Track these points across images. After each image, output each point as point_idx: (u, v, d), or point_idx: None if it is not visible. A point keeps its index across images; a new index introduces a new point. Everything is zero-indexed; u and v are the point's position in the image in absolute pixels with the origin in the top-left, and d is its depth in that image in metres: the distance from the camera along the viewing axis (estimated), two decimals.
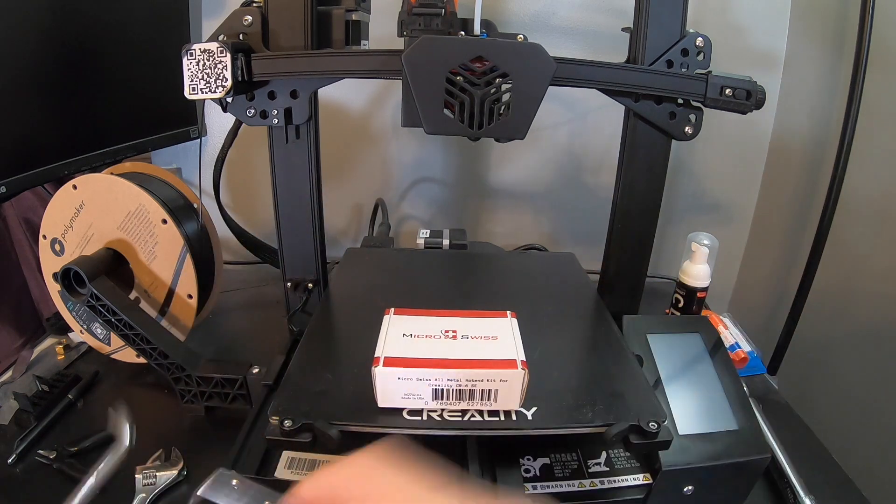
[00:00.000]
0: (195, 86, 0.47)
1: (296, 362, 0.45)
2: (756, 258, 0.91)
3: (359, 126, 0.90)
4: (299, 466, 0.42)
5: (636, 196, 0.57)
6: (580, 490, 0.42)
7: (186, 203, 0.63)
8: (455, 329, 0.41)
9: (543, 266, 0.69)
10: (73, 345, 0.67)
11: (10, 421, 0.54)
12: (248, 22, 0.49)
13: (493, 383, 0.38)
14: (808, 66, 0.77)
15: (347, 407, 0.39)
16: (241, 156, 0.85)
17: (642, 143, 0.54)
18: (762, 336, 0.84)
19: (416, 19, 0.49)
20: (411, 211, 0.96)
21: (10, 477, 0.48)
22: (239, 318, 0.78)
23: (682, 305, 0.70)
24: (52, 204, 0.59)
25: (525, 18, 0.82)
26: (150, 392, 0.60)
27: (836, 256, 0.69)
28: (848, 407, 0.67)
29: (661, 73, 0.49)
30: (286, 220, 0.57)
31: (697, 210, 0.93)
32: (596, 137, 0.88)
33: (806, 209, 0.76)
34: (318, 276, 0.60)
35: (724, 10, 0.80)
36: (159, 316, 0.62)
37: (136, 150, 0.75)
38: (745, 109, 0.49)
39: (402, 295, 0.59)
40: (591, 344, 0.53)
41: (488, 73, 0.44)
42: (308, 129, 0.53)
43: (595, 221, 0.75)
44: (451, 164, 0.92)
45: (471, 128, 0.46)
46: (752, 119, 0.57)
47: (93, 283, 0.54)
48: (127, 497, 0.46)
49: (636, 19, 0.51)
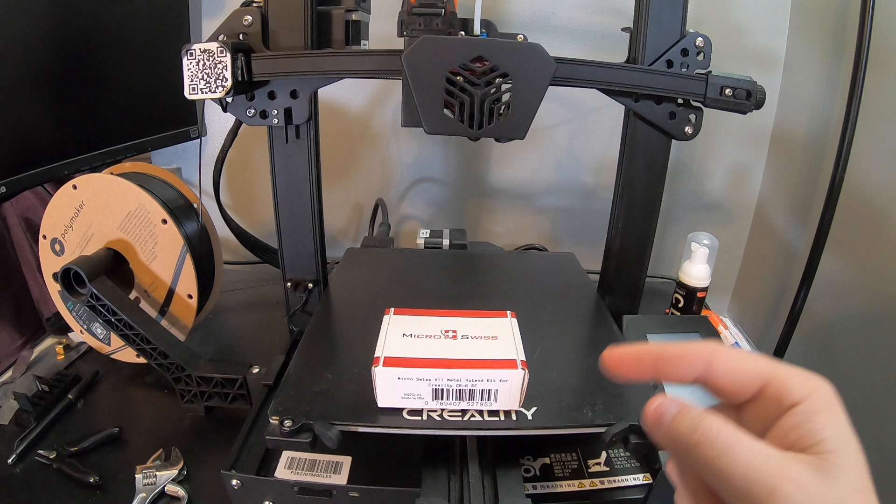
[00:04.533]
0: (195, 86, 0.47)
1: (296, 362, 0.45)
2: (756, 258, 0.91)
3: (359, 126, 0.90)
4: (299, 466, 0.42)
5: (636, 196, 0.57)
6: (580, 490, 0.42)
7: (186, 203, 0.63)
8: (455, 329, 0.41)
9: (543, 266, 0.69)
10: (73, 345, 0.67)
11: (10, 421, 0.54)
12: (248, 22, 0.49)
13: (493, 383, 0.38)
14: (808, 66, 0.77)
15: (347, 407, 0.39)
16: (241, 156, 0.85)
17: (642, 143, 0.54)
18: (762, 336, 0.84)
19: (416, 19, 0.49)
20: (411, 211, 0.96)
21: (10, 477, 0.48)
22: (239, 318, 0.78)
23: (682, 305, 0.70)
24: (52, 204, 0.59)
25: (525, 18, 0.82)
26: (150, 392, 0.60)
27: (837, 256, 0.69)
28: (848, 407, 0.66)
29: (661, 73, 0.49)
30: (286, 220, 0.57)
31: (697, 210, 0.93)
32: (596, 137, 0.88)
33: (806, 209, 0.76)
34: (318, 276, 0.60)
35: (724, 10, 0.80)
36: (159, 316, 0.62)
37: (136, 150, 0.75)
38: (745, 109, 0.49)
39: (402, 295, 0.59)
40: (591, 344, 0.53)
41: (488, 73, 0.44)
42: (308, 129, 0.53)
43: (595, 221, 0.75)
44: (451, 164, 0.92)
45: (471, 128, 0.46)
46: (752, 119, 0.57)
47: (93, 283, 0.54)
48: (127, 497, 0.46)
49: (636, 19, 0.51)
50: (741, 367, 0.25)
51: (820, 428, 0.22)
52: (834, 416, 0.22)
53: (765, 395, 0.24)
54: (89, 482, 0.47)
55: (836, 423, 0.22)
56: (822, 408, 0.22)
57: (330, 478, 0.42)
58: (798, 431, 0.22)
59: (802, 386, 0.23)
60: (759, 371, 0.24)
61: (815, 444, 0.21)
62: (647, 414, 0.25)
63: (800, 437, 0.22)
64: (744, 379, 0.24)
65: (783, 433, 0.23)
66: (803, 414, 0.22)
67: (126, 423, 0.54)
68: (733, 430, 0.22)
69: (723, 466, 0.21)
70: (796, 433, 0.22)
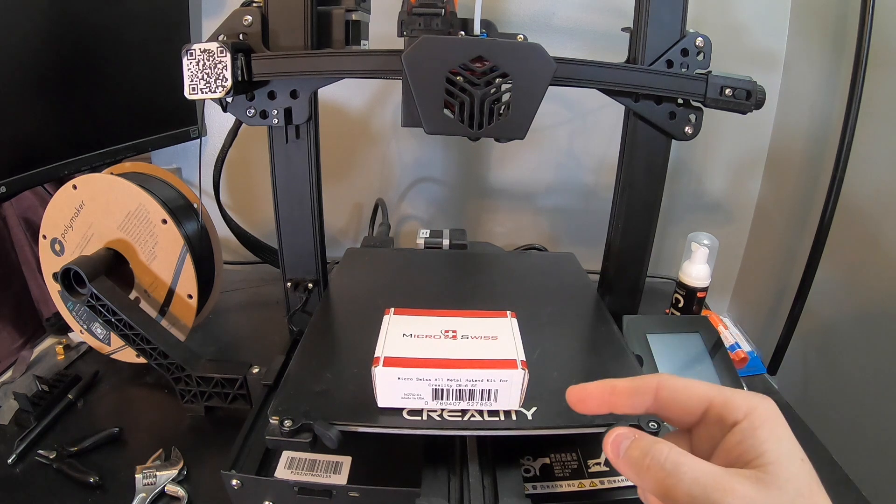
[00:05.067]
0: (195, 86, 0.47)
1: (296, 362, 0.45)
2: (756, 258, 0.91)
3: (359, 126, 0.90)
4: (299, 466, 0.42)
5: (636, 196, 0.56)
6: (580, 490, 0.42)
7: (186, 203, 0.63)
8: (455, 329, 0.41)
9: (543, 266, 0.68)
10: (73, 345, 0.67)
11: (10, 421, 0.54)
12: (248, 22, 0.49)
13: (493, 383, 0.38)
14: (808, 66, 0.77)
15: (347, 407, 0.39)
16: (241, 156, 0.85)
17: (642, 143, 0.54)
18: (762, 336, 0.84)
19: (416, 19, 0.49)
20: (411, 211, 0.96)
21: (10, 477, 0.48)
22: (239, 318, 0.78)
23: (682, 305, 0.70)
24: (52, 204, 0.59)
25: (525, 18, 0.82)
26: (150, 392, 0.60)
27: (836, 256, 0.69)
28: (848, 407, 0.66)
29: (661, 73, 0.49)
30: (286, 220, 0.57)
31: (697, 210, 0.93)
32: (596, 137, 0.88)
33: (806, 209, 0.76)
34: (318, 276, 0.60)
35: (724, 10, 0.80)
36: (159, 316, 0.62)
37: (136, 150, 0.75)
38: (745, 109, 0.49)
39: (402, 295, 0.59)
40: (591, 344, 0.52)
41: (488, 73, 0.44)
42: (308, 129, 0.53)
43: (595, 221, 0.75)
44: (451, 164, 0.92)
45: (471, 128, 0.46)
46: (752, 119, 0.57)
47: (93, 283, 0.54)
48: (127, 497, 0.46)
49: (636, 19, 0.51)
50: (683, 394, 0.27)
51: (760, 442, 0.23)
52: (774, 430, 0.24)
53: (709, 417, 0.26)
54: (89, 482, 0.47)
55: (777, 436, 0.24)
56: (761, 423, 0.24)
57: (330, 478, 0.42)
58: (740, 448, 0.24)
59: (743, 405, 0.25)
60: (701, 395, 0.26)
61: (756, 458, 0.23)
62: (606, 444, 0.27)
63: (742, 452, 0.23)
64: (687, 404, 0.26)
65: (727, 450, 0.24)
66: (745, 431, 0.24)
67: (126, 423, 0.54)
68: (680, 453, 0.24)
69: (671, 485, 0.23)
70: (739, 449, 0.24)
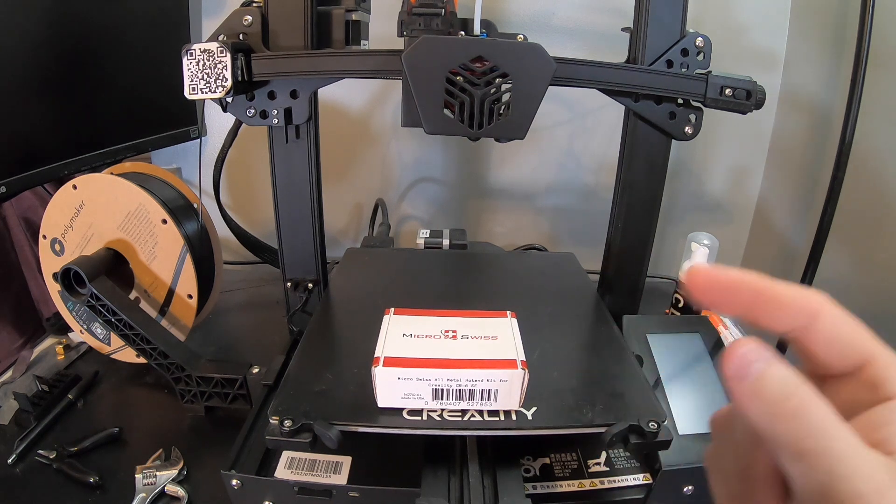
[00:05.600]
0: (195, 86, 0.47)
1: (296, 362, 0.45)
2: (756, 258, 0.91)
3: (359, 126, 0.90)
4: (299, 466, 0.42)
5: (636, 196, 0.56)
6: (580, 490, 0.42)
7: (186, 203, 0.63)
8: (455, 329, 0.41)
9: (543, 266, 0.68)
10: (73, 345, 0.67)
11: (10, 421, 0.54)
12: (248, 22, 0.49)
13: (493, 383, 0.38)
14: (808, 66, 0.77)
15: (347, 407, 0.39)
16: (241, 156, 0.85)
17: (642, 143, 0.54)
18: (762, 336, 0.84)
19: (416, 19, 0.49)
20: (411, 211, 0.96)
21: (10, 477, 0.48)
22: (239, 318, 0.78)
23: (682, 305, 0.70)
24: (52, 204, 0.59)
25: (525, 18, 0.82)
26: (150, 392, 0.60)
27: (837, 256, 0.69)
28: None
29: (661, 73, 0.49)
30: (286, 220, 0.57)
31: (697, 210, 0.93)
32: (596, 137, 0.88)
33: (806, 209, 0.76)
34: (318, 276, 0.60)
35: (724, 10, 0.80)
36: (159, 316, 0.62)
37: (136, 150, 0.75)
38: (745, 109, 0.49)
39: (402, 295, 0.59)
40: (590, 344, 0.52)
41: (488, 73, 0.44)
42: (308, 129, 0.53)
43: (595, 221, 0.75)
44: (451, 164, 0.92)
45: (471, 128, 0.46)
46: (752, 119, 0.57)
47: (93, 283, 0.54)
48: (127, 497, 0.46)
49: (636, 19, 0.51)
50: (845, 337, 0.21)
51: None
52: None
53: (860, 377, 0.20)
54: (89, 482, 0.47)
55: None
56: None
57: (330, 478, 0.42)
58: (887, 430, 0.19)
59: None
60: (863, 348, 0.20)
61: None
62: (729, 359, 0.20)
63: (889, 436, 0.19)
64: (844, 351, 0.21)
65: (872, 426, 0.19)
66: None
67: (126, 423, 0.54)
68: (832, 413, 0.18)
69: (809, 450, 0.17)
70: (887, 431, 0.19)
